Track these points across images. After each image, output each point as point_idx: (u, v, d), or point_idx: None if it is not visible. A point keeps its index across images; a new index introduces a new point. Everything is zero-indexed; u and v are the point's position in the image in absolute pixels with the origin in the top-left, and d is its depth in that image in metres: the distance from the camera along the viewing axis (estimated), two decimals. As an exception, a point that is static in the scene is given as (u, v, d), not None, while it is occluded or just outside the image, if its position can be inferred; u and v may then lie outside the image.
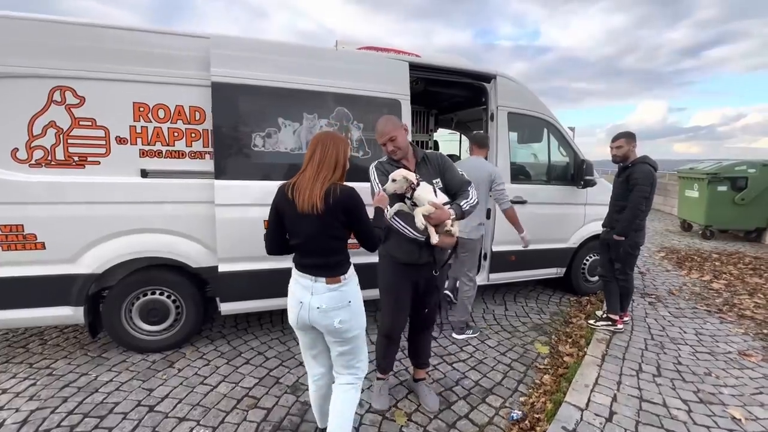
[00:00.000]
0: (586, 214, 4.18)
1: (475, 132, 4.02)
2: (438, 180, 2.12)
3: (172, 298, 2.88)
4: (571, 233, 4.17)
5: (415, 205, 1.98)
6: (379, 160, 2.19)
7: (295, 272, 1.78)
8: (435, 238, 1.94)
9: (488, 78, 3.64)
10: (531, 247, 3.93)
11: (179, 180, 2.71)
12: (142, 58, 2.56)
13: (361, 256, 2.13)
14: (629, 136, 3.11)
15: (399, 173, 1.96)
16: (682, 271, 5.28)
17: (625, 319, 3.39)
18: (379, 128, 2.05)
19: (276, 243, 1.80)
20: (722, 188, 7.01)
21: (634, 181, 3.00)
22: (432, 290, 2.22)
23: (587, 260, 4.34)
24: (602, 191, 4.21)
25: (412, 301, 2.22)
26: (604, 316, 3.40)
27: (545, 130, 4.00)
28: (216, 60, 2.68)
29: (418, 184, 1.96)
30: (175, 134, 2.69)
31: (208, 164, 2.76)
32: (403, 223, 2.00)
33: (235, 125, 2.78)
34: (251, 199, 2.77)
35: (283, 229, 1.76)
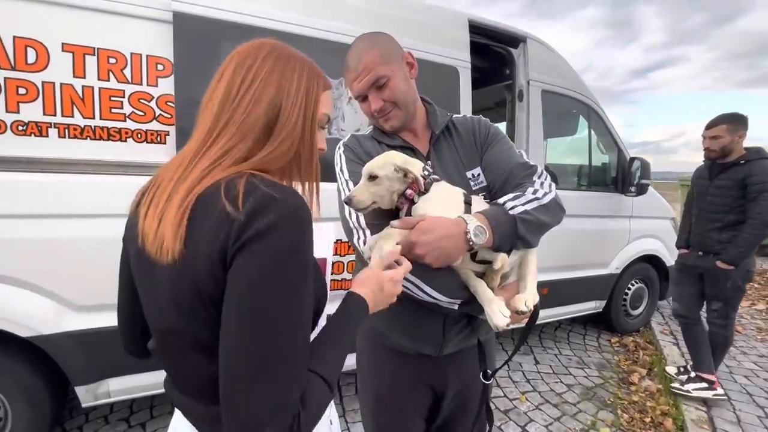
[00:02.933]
0: (631, 230, 3.21)
1: None
2: (478, 171, 0.97)
3: (-17, 394, 1.56)
4: (613, 255, 3.17)
5: None
6: (355, 132, 1.05)
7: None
8: (498, 314, 0.78)
9: (515, 41, 2.61)
10: (566, 275, 2.94)
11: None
12: None
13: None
14: (734, 121, 2.11)
15: (382, 160, 0.82)
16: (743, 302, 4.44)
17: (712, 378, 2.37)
18: (352, 61, 0.90)
19: (130, 330, 0.72)
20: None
21: (759, 185, 2.01)
22: (469, 414, 1.04)
23: (629, 288, 3.36)
24: (649, 200, 3.28)
25: (428, 426, 1.06)
26: (693, 375, 2.36)
27: (584, 118, 3.01)
28: None
29: (426, 187, 0.83)
30: (-21, 87, 1.42)
31: (57, 145, 1.51)
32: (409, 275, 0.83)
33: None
34: None
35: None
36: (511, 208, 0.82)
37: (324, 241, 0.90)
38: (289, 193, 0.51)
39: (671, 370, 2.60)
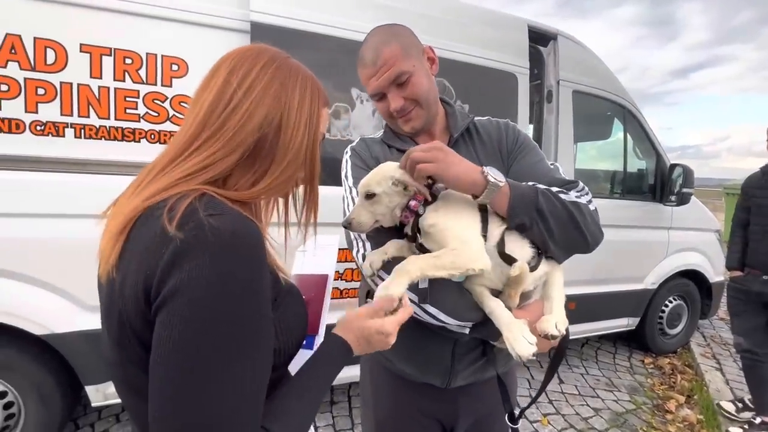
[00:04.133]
0: (669, 242, 2.96)
1: None
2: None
3: (-2, 389, 1.59)
4: (648, 270, 2.93)
5: (423, 251, 0.75)
6: (365, 136, 0.97)
7: None
8: (521, 340, 0.66)
9: (545, 39, 2.46)
10: (596, 289, 2.73)
11: (4, 174, 1.45)
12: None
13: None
14: None
15: (379, 175, 0.73)
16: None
17: None
18: (368, 56, 0.81)
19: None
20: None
21: None
22: None
23: (667, 306, 3.10)
24: (691, 210, 3.01)
25: None
26: (758, 422, 2.07)
27: (619, 121, 2.81)
28: None
29: (430, 198, 0.74)
30: (4, 87, 1.44)
31: (73, 145, 1.52)
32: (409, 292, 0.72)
33: None
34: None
35: None
36: (533, 184, 0.76)
37: (325, 258, 0.82)
38: (234, 222, 0.43)
39: (728, 407, 2.27)
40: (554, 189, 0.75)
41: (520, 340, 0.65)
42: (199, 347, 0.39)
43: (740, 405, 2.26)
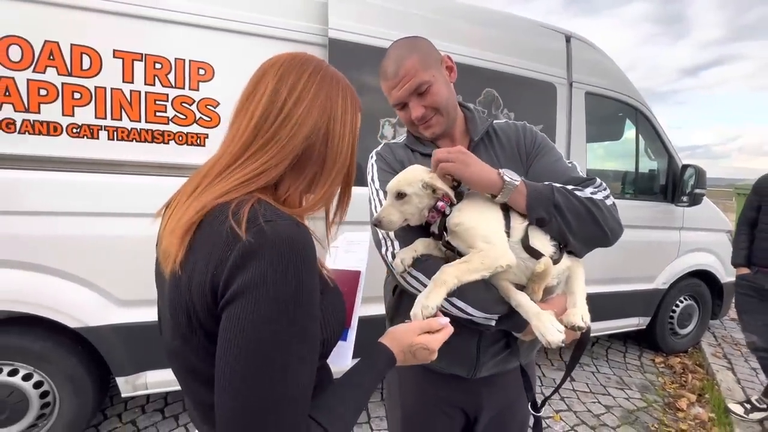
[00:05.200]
0: (681, 243, 2.98)
1: None
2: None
3: (35, 379, 1.66)
4: (659, 270, 2.95)
5: (449, 248, 0.80)
6: (389, 141, 1.02)
7: None
8: (551, 328, 0.71)
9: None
10: (607, 289, 2.76)
11: (43, 174, 1.53)
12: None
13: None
14: None
15: (410, 176, 0.78)
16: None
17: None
18: (390, 68, 0.86)
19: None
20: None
21: None
22: None
23: (678, 306, 3.12)
24: (703, 211, 3.02)
25: None
26: None
27: (631, 121, 2.83)
28: (336, 9, 1.83)
29: (455, 199, 0.79)
30: (43, 91, 1.52)
31: (106, 147, 1.59)
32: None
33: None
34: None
35: None
36: (549, 183, 0.81)
37: (358, 254, 0.87)
38: (290, 228, 0.47)
39: (737, 409, 2.28)
40: (569, 186, 0.80)
41: (549, 328, 0.71)
42: (260, 344, 0.44)
43: (749, 406, 2.27)
